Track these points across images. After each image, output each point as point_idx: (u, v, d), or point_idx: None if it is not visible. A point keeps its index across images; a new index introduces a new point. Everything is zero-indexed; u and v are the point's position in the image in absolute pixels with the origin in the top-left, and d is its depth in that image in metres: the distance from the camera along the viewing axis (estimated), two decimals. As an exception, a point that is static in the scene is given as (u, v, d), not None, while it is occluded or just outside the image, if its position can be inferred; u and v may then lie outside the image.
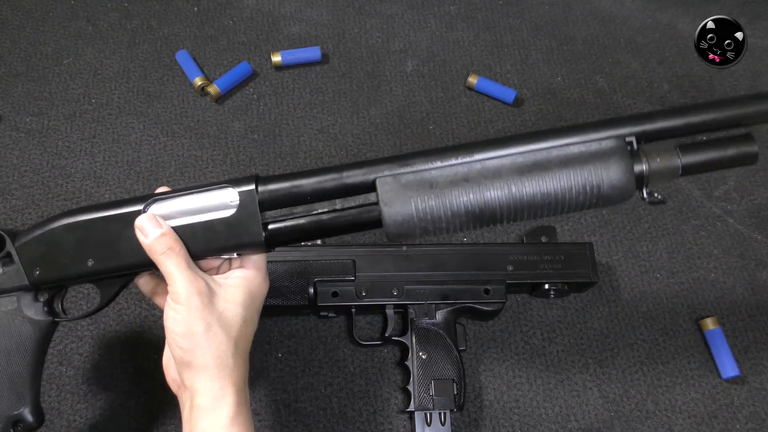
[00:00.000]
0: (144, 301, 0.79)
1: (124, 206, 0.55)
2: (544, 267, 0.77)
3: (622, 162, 0.52)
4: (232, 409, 0.52)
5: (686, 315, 0.84)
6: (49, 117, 0.91)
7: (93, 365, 0.76)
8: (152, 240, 0.53)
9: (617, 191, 0.53)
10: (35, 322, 0.58)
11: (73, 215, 0.56)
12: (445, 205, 0.53)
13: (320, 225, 0.55)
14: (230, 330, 0.54)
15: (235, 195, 0.54)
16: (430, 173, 0.53)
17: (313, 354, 0.78)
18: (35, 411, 0.58)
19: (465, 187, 0.53)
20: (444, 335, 0.74)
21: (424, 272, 0.76)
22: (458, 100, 0.97)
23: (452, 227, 0.54)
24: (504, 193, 0.53)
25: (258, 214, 0.54)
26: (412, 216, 0.53)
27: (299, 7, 1.04)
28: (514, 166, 0.53)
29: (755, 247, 0.89)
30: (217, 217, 0.54)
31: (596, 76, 1.01)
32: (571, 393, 0.78)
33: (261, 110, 0.94)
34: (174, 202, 0.55)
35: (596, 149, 0.53)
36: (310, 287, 0.73)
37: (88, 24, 0.99)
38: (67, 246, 0.56)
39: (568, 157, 0.53)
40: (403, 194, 0.53)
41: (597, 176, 0.52)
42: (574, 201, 0.53)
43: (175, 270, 0.52)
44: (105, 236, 0.55)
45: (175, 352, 0.53)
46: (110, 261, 0.55)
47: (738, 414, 0.78)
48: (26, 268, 0.56)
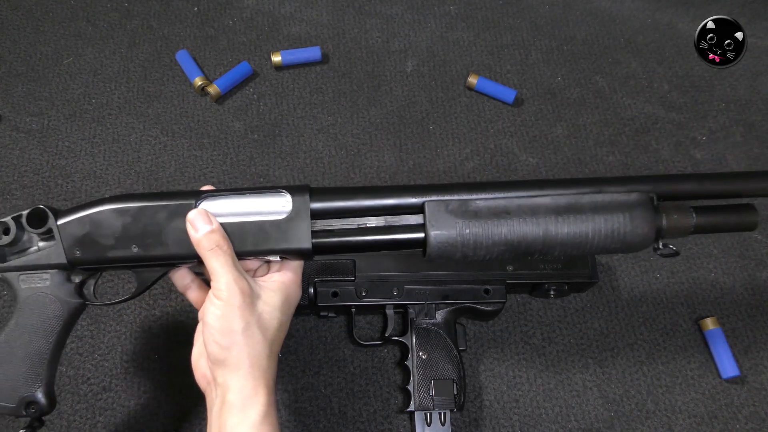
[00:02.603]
0: (145, 301, 0.79)
1: (175, 198, 0.56)
2: (544, 267, 0.77)
3: (646, 213, 0.58)
4: (263, 409, 0.53)
5: (686, 315, 0.84)
6: (49, 117, 0.91)
7: (93, 365, 0.76)
8: (202, 235, 0.54)
9: (639, 238, 0.58)
10: (65, 302, 0.57)
11: (122, 201, 0.56)
12: (486, 233, 0.57)
13: (365, 241, 0.57)
14: (267, 332, 0.55)
15: (288, 200, 0.56)
16: (476, 203, 0.57)
17: (313, 354, 0.78)
18: (49, 394, 0.57)
19: (506, 219, 0.57)
20: (444, 335, 0.74)
21: (424, 272, 0.76)
22: (458, 100, 0.97)
23: (489, 255, 0.58)
24: (540, 229, 0.57)
25: (309, 222, 0.56)
26: (455, 240, 0.57)
27: (299, 7, 1.04)
28: (550, 206, 0.58)
29: (755, 247, 0.89)
30: (269, 219, 0.56)
31: (596, 76, 1.01)
32: (571, 393, 0.78)
33: (261, 110, 0.94)
34: (226, 200, 0.56)
35: (624, 200, 0.58)
36: (310, 287, 0.73)
37: (88, 24, 0.99)
38: (113, 230, 0.56)
39: (598, 204, 0.58)
40: (448, 219, 0.57)
41: (624, 224, 0.58)
42: (601, 243, 0.58)
43: (221, 267, 0.53)
44: (152, 224, 0.56)
45: (211, 348, 0.54)
46: (155, 249, 0.56)
47: (738, 414, 0.78)
48: (66, 247, 0.56)
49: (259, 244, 0.56)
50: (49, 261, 0.56)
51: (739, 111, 0.99)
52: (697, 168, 0.94)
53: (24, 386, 0.56)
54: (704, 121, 0.98)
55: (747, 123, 0.98)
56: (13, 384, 0.55)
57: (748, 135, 0.97)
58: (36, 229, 0.56)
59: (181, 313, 0.79)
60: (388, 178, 0.89)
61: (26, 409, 0.56)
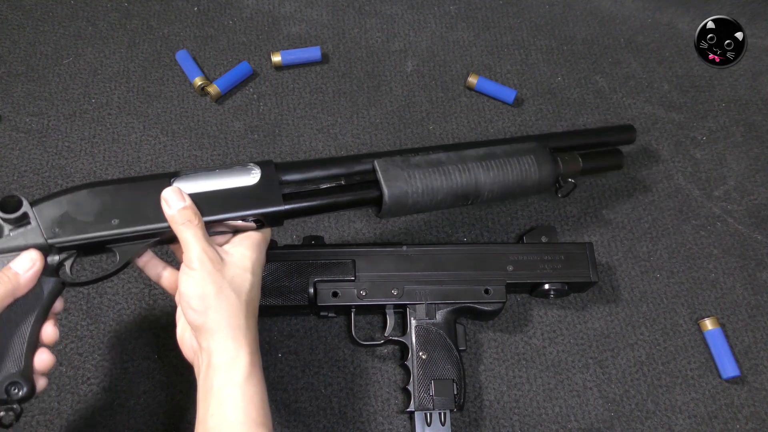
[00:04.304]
0: (144, 301, 0.79)
1: (150, 179, 0.61)
2: (544, 267, 0.77)
3: (546, 157, 0.75)
4: (246, 369, 0.55)
5: (686, 315, 0.84)
6: (49, 117, 0.91)
7: (93, 365, 0.76)
8: (175, 211, 0.58)
9: (545, 176, 0.75)
10: (45, 280, 0.57)
11: (98, 184, 0.60)
12: (429, 180, 0.69)
13: (330, 201, 0.66)
14: (240, 293, 0.58)
15: (257, 172, 0.62)
16: (415, 158, 0.70)
17: (313, 354, 0.78)
18: (29, 376, 0.56)
19: (442, 167, 0.70)
20: (444, 335, 0.74)
21: (424, 272, 0.76)
22: (458, 100, 0.97)
23: (434, 200, 0.69)
24: (470, 175, 0.70)
25: (278, 186, 0.63)
26: (404, 188, 0.67)
27: (299, 7, 1.04)
28: (473, 155, 0.72)
29: (755, 247, 0.89)
30: (241, 186, 0.62)
31: (596, 76, 1.01)
32: (571, 393, 0.78)
33: (261, 110, 0.94)
34: (199, 177, 0.61)
35: (528, 147, 0.75)
36: (310, 287, 0.73)
37: (88, 24, 0.99)
38: (92, 207, 0.58)
39: (509, 151, 0.74)
40: (396, 170, 0.68)
41: (531, 165, 0.74)
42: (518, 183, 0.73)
43: (191, 238, 0.57)
44: (131, 199, 0.59)
45: (190, 317, 0.56)
46: (135, 222, 0.59)
47: (738, 414, 0.78)
48: (44, 228, 0.57)
49: (234, 209, 0.61)
50: (25, 242, 0.56)
51: (739, 111, 0.99)
52: (697, 168, 0.94)
53: (6, 367, 0.55)
54: (704, 121, 0.98)
55: (747, 123, 0.98)
56: None
57: (748, 135, 0.97)
58: (9, 214, 0.56)
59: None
60: (388, 178, 0.89)
61: (8, 390, 0.54)
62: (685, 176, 0.93)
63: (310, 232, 0.85)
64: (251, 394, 0.55)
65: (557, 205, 0.89)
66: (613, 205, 0.90)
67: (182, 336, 0.61)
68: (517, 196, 0.77)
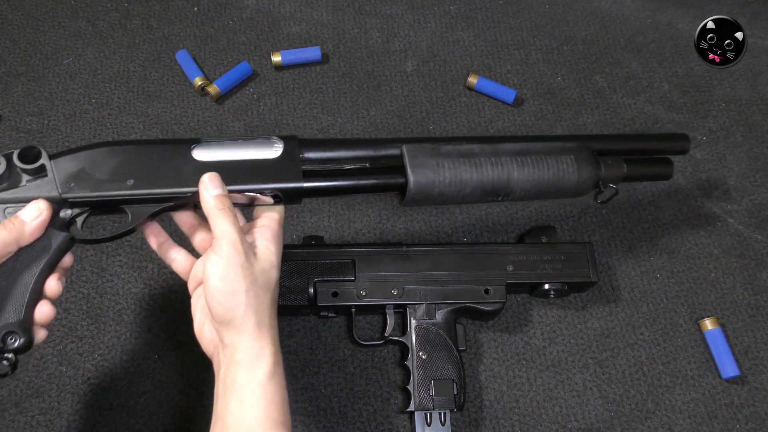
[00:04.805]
0: (144, 301, 0.79)
1: (171, 143, 0.61)
2: (544, 267, 0.77)
3: (588, 158, 0.70)
4: (269, 368, 0.54)
5: (686, 315, 0.84)
6: (49, 117, 0.91)
7: (93, 365, 0.76)
8: (214, 195, 0.56)
9: (584, 179, 0.69)
10: (55, 234, 0.57)
11: (118, 143, 0.59)
12: (458, 170, 0.65)
13: (351, 183, 0.64)
14: (267, 289, 0.57)
15: (279, 146, 0.61)
16: (446, 147, 0.66)
17: (313, 354, 0.78)
18: (27, 329, 0.55)
19: (473, 159, 0.66)
20: (444, 335, 0.74)
21: (424, 272, 0.76)
22: (458, 100, 0.97)
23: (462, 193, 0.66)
24: (503, 169, 0.66)
25: (300, 163, 0.61)
26: (432, 177, 0.65)
27: (299, 7, 1.04)
28: (509, 150, 0.68)
29: (755, 247, 0.89)
30: (262, 158, 0.60)
31: (596, 76, 1.01)
32: (571, 393, 0.78)
33: (261, 110, 0.94)
34: (221, 146, 0.60)
35: (568, 146, 0.70)
36: (310, 287, 0.73)
37: (88, 24, 0.99)
38: (109, 166, 0.58)
39: (548, 148, 0.69)
40: (425, 158, 0.65)
41: (570, 165, 0.69)
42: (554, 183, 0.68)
43: (227, 226, 0.55)
44: (148, 162, 0.59)
45: (217, 310, 0.54)
46: (150, 184, 0.58)
47: (738, 414, 0.78)
48: (60, 181, 0.57)
49: (253, 181, 0.59)
50: (39, 193, 0.56)
51: (739, 111, 0.99)
52: (697, 168, 0.94)
53: (4, 316, 0.54)
54: (704, 121, 0.98)
55: (747, 123, 0.98)
56: None
57: (748, 135, 0.97)
58: (28, 165, 0.56)
59: (181, 313, 0.79)
60: (388, 178, 0.89)
61: (4, 339, 0.54)
62: (685, 176, 0.93)
63: (310, 232, 0.85)
64: (272, 393, 0.54)
65: (557, 205, 0.89)
66: (613, 205, 0.90)
67: (201, 329, 0.59)
68: (552, 197, 0.71)
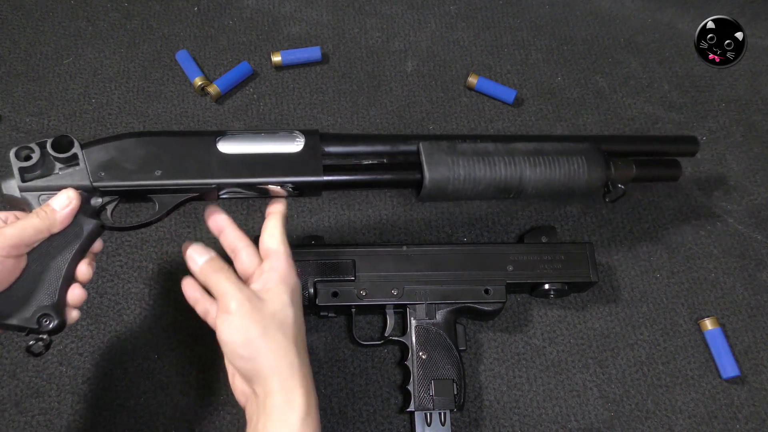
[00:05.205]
0: (144, 301, 0.79)
1: (196, 135, 0.63)
2: (544, 267, 0.77)
3: (598, 159, 0.73)
4: (302, 411, 0.53)
5: (686, 315, 0.84)
6: (49, 117, 0.91)
7: (93, 365, 0.76)
8: (203, 263, 0.57)
9: (594, 178, 0.72)
10: (86, 221, 0.59)
11: (145, 134, 0.62)
12: (473, 168, 0.68)
13: (369, 177, 0.67)
14: (285, 329, 0.55)
15: (301, 140, 0.63)
16: (461, 146, 0.69)
17: (313, 354, 0.78)
18: (60, 311, 0.58)
19: (488, 158, 0.69)
20: (444, 335, 0.74)
21: (424, 272, 0.76)
22: (458, 100, 0.97)
23: (475, 191, 0.69)
24: (515, 168, 0.69)
25: (320, 158, 0.63)
26: (447, 174, 0.67)
27: (299, 7, 1.04)
28: (522, 150, 0.70)
29: (755, 247, 0.89)
30: (284, 152, 0.63)
31: (596, 76, 1.01)
32: (571, 393, 0.78)
33: (261, 110, 0.94)
34: (244, 138, 0.63)
35: (580, 147, 0.73)
36: (310, 287, 0.73)
37: (88, 24, 0.99)
38: (138, 156, 0.60)
39: (560, 149, 0.72)
40: (441, 155, 0.68)
41: (581, 165, 0.71)
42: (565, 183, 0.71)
43: (225, 283, 0.55)
44: (175, 153, 0.61)
45: (238, 364, 0.54)
46: (177, 175, 0.60)
47: (738, 414, 0.78)
48: (91, 170, 0.59)
49: (276, 174, 0.62)
50: (72, 182, 0.58)
51: (739, 111, 0.99)
52: (697, 168, 0.94)
53: (39, 298, 0.56)
54: (704, 121, 0.98)
55: (747, 123, 0.98)
56: (29, 295, 0.56)
57: (748, 135, 0.97)
58: (61, 154, 0.58)
59: (181, 313, 0.79)
60: (388, 178, 0.89)
61: (39, 320, 0.56)
62: (685, 176, 0.93)
63: (310, 232, 0.85)
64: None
65: (557, 205, 0.89)
66: (613, 205, 0.90)
67: (233, 381, 0.58)
68: (563, 195, 0.75)
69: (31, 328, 0.56)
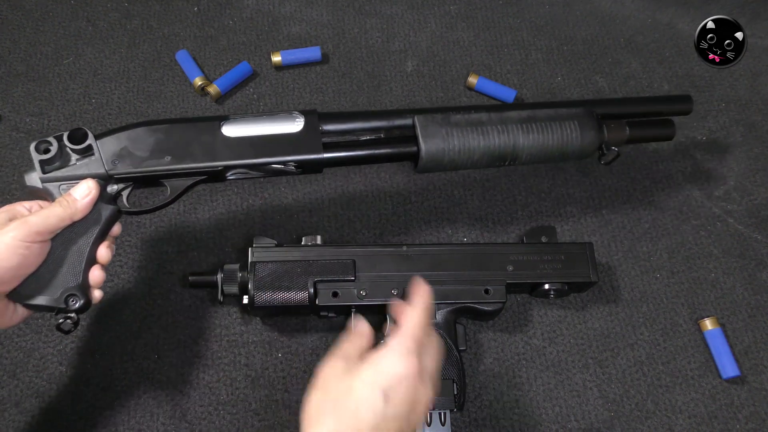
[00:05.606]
0: (143, 300, 0.79)
1: (201, 120, 0.67)
2: (544, 267, 0.77)
3: (591, 122, 0.74)
4: None
5: (686, 315, 0.84)
6: (49, 117, 0.91)
7: (93, 365, 0.76)
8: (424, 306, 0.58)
9: (588, 142, 0.74)
10: (104, 207, 0.63)
11: (153, 123, 0.66)
12: (467, 138, 0.70)
13: (368, 153, 0.70)
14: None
15: (300, 121, 0.67)
16: (455, 117, 0.71)
17: (313, 354, 0.78)
18: (85, 291, 0.62)
19: (482, 127, 0.71)
20: (444, 335, 0.74)
21: (424, 272, 0.75)
22: (458, 100, 0.97)
23: (471, 160, 0.71)
24: (509, 136, 0.71)
25: (320, 136, 0.67)
26: (442, 145, 0.70)
27: (299, 7, 1.04)
28: (515, 117, 0.72)
29: (755, 247, 0.89)
30: (285, 132, 0.67)
31: (596, 76, 1.01)
32: (571, 393, 0.78)
33: (261, 110, 0.94)
34: (246, 121, 0.67)
35: (573, 111, 0.74)
36: (310, 287, 0.73)
37: (88, 24, 0.99)
38: (148, 144, 0.65)
39: (552, 115, 0.73)
40: (436, 128, 0.70)
41: (574, 130, 0.73)
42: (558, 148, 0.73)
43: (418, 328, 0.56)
44: (182, 139, 0.65)
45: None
46: (186, 159, 0.65)
47: (738, 414, 0.78)
48: (105, 160, 0.63)
49: (279, 153, 0.66)
50: (89, 171, 0.63)
51: (739, 111, 0.99)
52: (697, 168, 0.94)
53: (65, 280, 0.61)
54: (704, 121, 0.98)
55: (747, 123, 0.98)
56: (56, 278, 0.60)
57: (748, 135, 0.97)
58: (77, 146, 0.62)
59: (181, 313, 0.79)
60: (388, 178, 0.89)
61: (66, 301, 0.60)
62: (685, 176, 0.93)
63: (310, 232, 0.85)
64: None
65: (557, 205, 0.89)
66: (613, 205, 0.90)
67: None
68: (558, 160, 0.77)
69: (60, 308, 0.60)
